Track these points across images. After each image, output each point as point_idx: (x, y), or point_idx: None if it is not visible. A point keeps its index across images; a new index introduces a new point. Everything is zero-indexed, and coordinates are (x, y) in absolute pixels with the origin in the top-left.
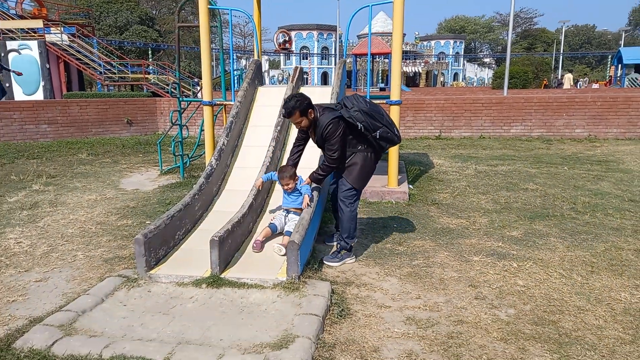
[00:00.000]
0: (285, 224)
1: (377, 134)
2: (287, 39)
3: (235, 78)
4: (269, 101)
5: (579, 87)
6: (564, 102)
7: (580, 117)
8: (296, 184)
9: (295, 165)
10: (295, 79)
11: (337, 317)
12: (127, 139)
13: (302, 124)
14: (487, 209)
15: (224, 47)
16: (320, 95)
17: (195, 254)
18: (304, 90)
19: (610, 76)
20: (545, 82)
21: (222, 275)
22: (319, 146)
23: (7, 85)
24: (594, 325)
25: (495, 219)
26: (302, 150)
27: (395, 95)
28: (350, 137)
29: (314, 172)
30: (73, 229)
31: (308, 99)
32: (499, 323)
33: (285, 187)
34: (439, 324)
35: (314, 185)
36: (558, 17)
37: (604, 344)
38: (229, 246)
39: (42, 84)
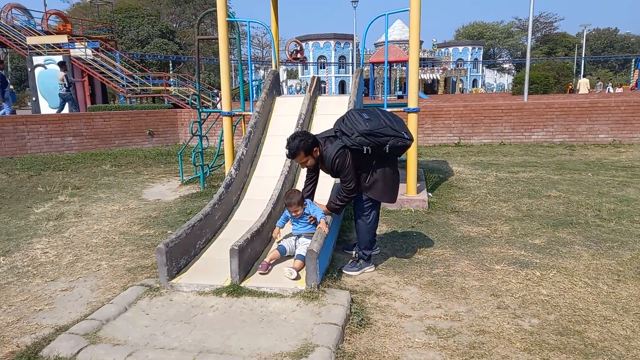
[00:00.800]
0: (295, 247)
1: (387, 148)
2: (298, 48)
3: (254, 88)
4: (287, 111)
5: (607, 92)
6: (586, 107)
7: (603, 122)
8: (304, 209)
9: (310, 196)
10: (312, 88)
11: (357, 327)
12: (149, 150)
13: (307, 163)
14: (509, 217)
15: (242, 58)
16: (337, 104)
17: (215, 263)
18: (321, 99)
19: (636, 80)
20: (570, 86)
21: (242, 284)
22: (332, 177)
23: (34, 99)
24: (621, 336)
25: (517, 226)
26: (316, 182)
27: (412, 103)
28: (360, 160)
29: (331, 201)
30: (97, 239)
31: (312, 137)
32: (522, 333)
33: (294, 214)
34: (461, 334)
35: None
36: (579, 21)
37: (632, 355)
38: (249, 255)
39: None
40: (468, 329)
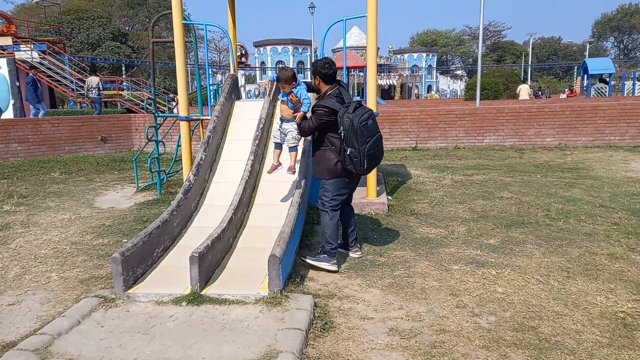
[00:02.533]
0: (282, 140)
1: (348, 150)
2: (243, 52)
3: (212, 93)
4: (246, 115)
5: (560, 97)
6: (534, 112)
7: (550, 126)
8: (292, 88)
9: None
10: (272, 92)
11: (321, 331)
12: (101, 156)
13: (284, 89)
14: (465, 218)
15: (199, 62)
16: None
17: (174, 271)
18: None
19: (572, 87)
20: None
21: (203, 292)
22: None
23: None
24: (572, 330)
25: (472, 227)
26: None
27: (371, 107)
28: (333, 133)
29: (305, 114)
30: (47, 250)
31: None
32: (480, 331)
33: (282, 90)
34: (422, 334)
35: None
36: (525, 29)
37: (582, 348)
38: (210, 262)
39: (11, 102)
40: (429, 328)
